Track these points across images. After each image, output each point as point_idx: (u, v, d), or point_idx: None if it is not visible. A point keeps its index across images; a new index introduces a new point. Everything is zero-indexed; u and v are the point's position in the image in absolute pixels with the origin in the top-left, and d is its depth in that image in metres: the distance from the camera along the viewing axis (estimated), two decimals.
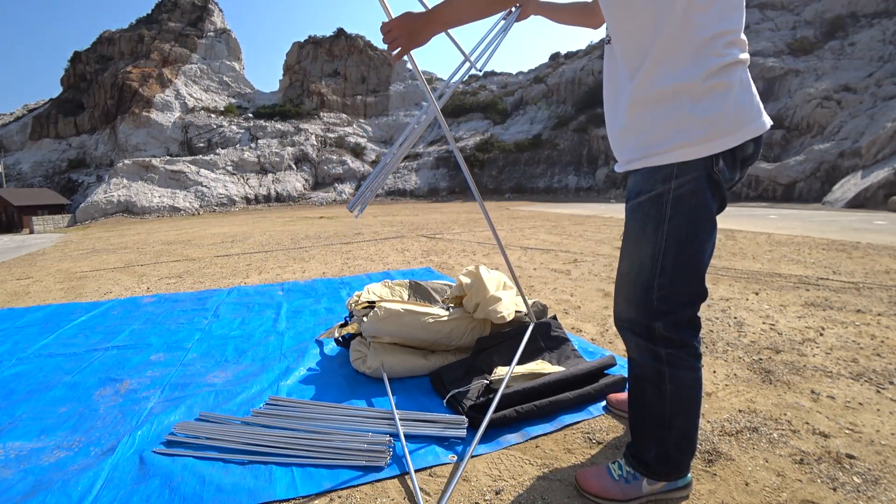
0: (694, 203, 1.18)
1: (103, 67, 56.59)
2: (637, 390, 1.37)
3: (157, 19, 63.75)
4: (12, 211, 37.57)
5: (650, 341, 1.28)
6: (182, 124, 49.97)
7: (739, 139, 1.14)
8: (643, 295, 1.26)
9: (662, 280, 1.22)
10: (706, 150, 1.14)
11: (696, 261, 1.22)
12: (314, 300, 3.98)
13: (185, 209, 38.60)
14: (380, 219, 17.53)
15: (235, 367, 2.53)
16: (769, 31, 35.23)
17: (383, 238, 9.68)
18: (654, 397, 1.30)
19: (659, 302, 1.24)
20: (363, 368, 2.31)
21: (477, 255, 6.61)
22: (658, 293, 1.23)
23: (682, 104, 1.14)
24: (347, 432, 1.75)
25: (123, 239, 13.94)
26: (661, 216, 1.20)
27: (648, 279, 1.24)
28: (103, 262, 7.85)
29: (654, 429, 1.32)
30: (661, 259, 1.22)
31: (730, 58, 1.12)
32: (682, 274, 1.22)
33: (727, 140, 1.13)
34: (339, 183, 47.25)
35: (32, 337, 3.25)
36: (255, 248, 8.90)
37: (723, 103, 1.12)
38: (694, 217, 1.19)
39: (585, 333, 2.91)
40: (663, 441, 1.31)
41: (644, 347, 1.30)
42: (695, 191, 1.17)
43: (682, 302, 1.24)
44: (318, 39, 63.17)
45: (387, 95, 60.06)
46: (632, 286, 1.30)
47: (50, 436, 1.87)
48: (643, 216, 1.24)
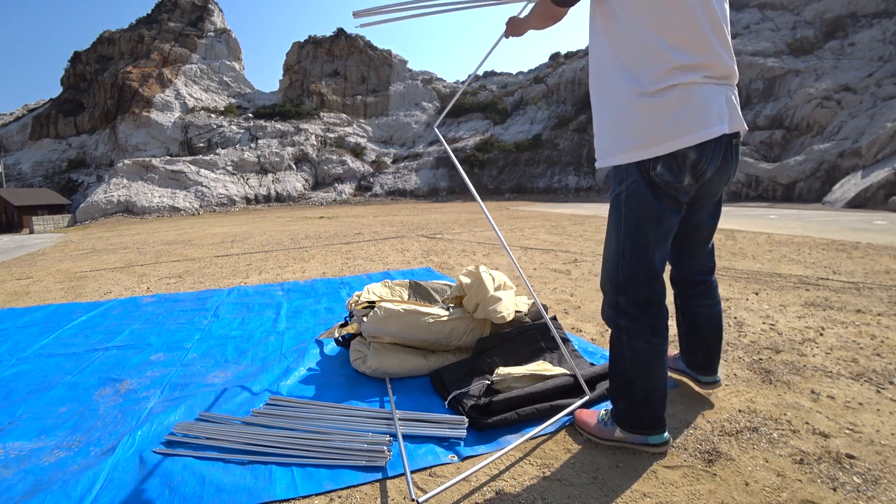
0: (638, 201, 1.46)
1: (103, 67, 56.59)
2: (610, 353, 1.65)
3: (157, 19, 63.73)
4: (12, 211, 37.56)
5: (615, 312, 1.58)
6: (182, 124, 49.97)
7: (670, 149, 1.37)
8: (613, 273, 1.57)
9: (623, 262, 1.52)
10: (636, 156, 1.41)
11: (646, 248, 1.49)
12: (314, 300, 3.98)
13: (185, 209, 38.60)
14: (380, 219, 17.53)
15: (235, 367, 2.53)
16: (769, 31, 35.22)
17: (383, 238, 9.68)
18: (618, 359, 1.60)
19: (623, 280, 1.53)
20: (363, 368, 2.31)
21: (477, 255, 6.61)
22: (621, 273, 1.53)
23: (623, 116, 1.43)
24: (347, 432, 1.75)
25: (123, 239, 13.94)
26: (619, 212, 1.52)
27: (615, 261, 1.55)
28: (103, 262, 7.85)
29: (622, 386, 1.60)
30: (621, 246, 1.52)
31: (668, 82, 1.35)
32: (637, 258, 1.50)
33: (657, 149, 1.37)
34: (339, 183, 47.24)
35: (32, 337, 3.25)
36: (255, 248, 8.90)
37: (656, 118, 1.37)
38: (639, 213, 1.47)
39: (585, 333, 2.91)
40: (628, 398, 1.58)
41: (610, 318, 1.61)
42: (637, 191, 1.46)
43: (639, 281, 1.51)
44: (318, 39, 63.13)
45: (387, 95, 60.03)
46: (607, 267, 1.61)
47: (50, 436, 1.87)
48: (613, 212, 1.56)
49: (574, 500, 1.40)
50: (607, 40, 1.45)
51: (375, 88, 61.34)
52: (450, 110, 52.12)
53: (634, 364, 1.54)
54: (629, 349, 1.55)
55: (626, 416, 1.59)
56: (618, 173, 1.51)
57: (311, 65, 62.46)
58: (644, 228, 1.48)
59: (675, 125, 1.35)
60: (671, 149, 1.37)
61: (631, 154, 1.42)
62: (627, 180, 1.47)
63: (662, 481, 1.46)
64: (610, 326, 1.62)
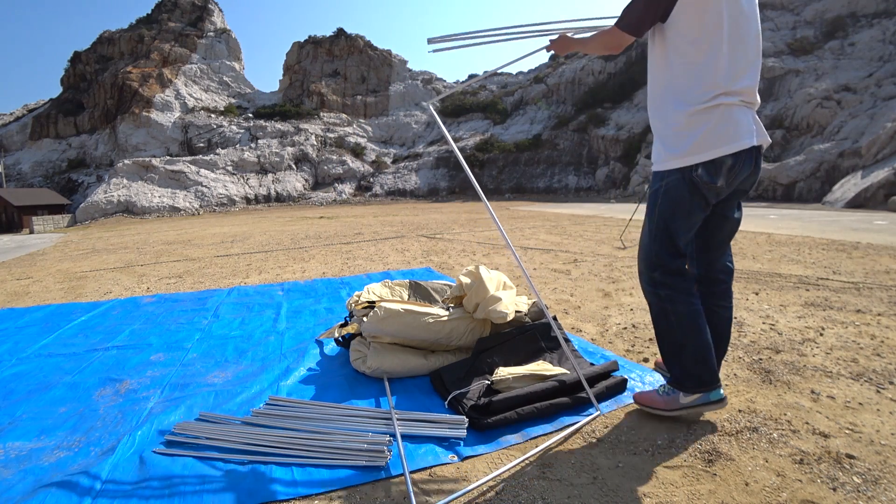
0: (675, 195, 1.73)
1: (103, 67, 56.58)
2: (656, 326, 1.86)
3: (157, 19, 63.72)
4: (12, 211, 37.54)
5: (653, 286, 1.82)
6: (182, 124, 49.96)
7: (712, 156, 1.65)
8: (647, 253, 1.84)
9: (655, 244, 1.80)
10: (681, 162, 1.69)
11: (675, 233, 1.76)
12: (314, 300, 3.98)
13: (185, 209, 38.59)
14: (380, 219, 17.53)
15: (235, 367, 2.53)
16: (769, 31, 35.19)
17: (383, 238, 9.68)
18: (665, 329, 1.82)
19: (655, 257, 1.80)
20: (363, 368, 2.31)
21: (477, 255, 6.61)
22: (653, 252, 1.81)
23: (676, 130, 1.71)
24: (347, 432, 1.75)
25: (123, 239, 13.94)
26: (656, 203, 1.79)
27: (649, 244, 1.83)
28: (103, 262, 7.84)
29: (674, 352, 1.81)
30: (654, 231, 1.80)
31: (713, 103, 1.64)
32: (667, 240, 1.77)
33: (702, 156, 1.66)
34: (339, 183, 47.23)
35: (32, 337, 3.25)
36: (255, 248, 8.90)
37: (699, 133, 1.66)
38: (674, 205, 1.74)
39: (585, 333, 2.91)
40: (682, 360, 1.78)
41: (651, 292, 1.84)
42: (676, 187, 1.73)
43: (669, 257, 1.78)
44: (318, 39, 63.13)
45: (387, 95, 60.02)
46: (643, 248, 1.88)
47: (50, 436, 1.87)
48: (650, 203, 1.83)
49: (574, 500, 1.40)
50: (665, 67, 1.73)
51: (375, 88, 61.32)
52: (449, 110, 52.11)
53: (681, 326, 1.76)
54: (674, 314, 1.77)
55: (684, 378, 1.78)
56: (659, 173, 1.79)
57: (311, 65, 62.46)
58: (676, 217, 1.74)
59: (716, 138, 1.64)
60: (713, 156, 1.65)
61: (681, 160, 1.69)
62: (668, 178, 1.74)
63: (662, 481, 1.46)
64: (652, 301, 1.84)
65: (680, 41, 1.67)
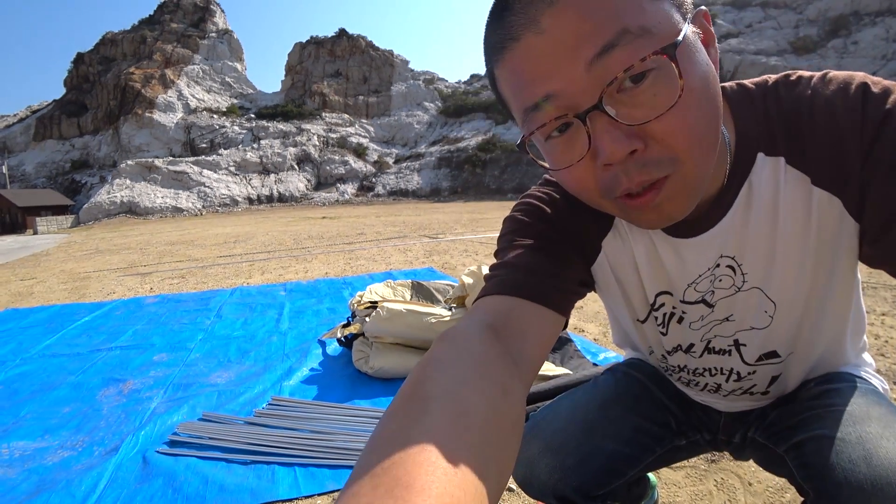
0: None
1: (106, 69, 56.83)
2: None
3: (160, 20, 63.98)
4: (16, 212, 37.73)
5: None
6: (185, 125, 50.15)
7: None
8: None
9: None
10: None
11: None
12: (317, 300, 3.98)
13: (187, 210, 38.72)
14: (382, 219, 17.55)
15: (238, 367, 2.53)
16: (772, 29, 35.18)
17: (385, 238, 9.69)
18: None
19: None
20: (366, 368, 2.31)
21: (479, 254, 6.61)
22: None
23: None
24: (350, 433, 1.75)
25: (126, 240, 13.98)
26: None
27: None
28: (107, 263, 7.87)
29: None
30: None
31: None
32: None
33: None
34: (341, 183, 47.34)
35: (36, 337, 3.26)
36: (258, 248, 8.92)
37: None
38: None
39: (588, 333, 2.91)
40: None
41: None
42: None
43: None
44: (319, 40, 63.28)
45: (388, 96, 60.12)
46: None
47: (54, 435, 1.87)
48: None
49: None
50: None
51: (377, 89, 61.43)
52: (452, 110, 52.16)
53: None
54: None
55: None
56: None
57: (313, 65, 62.61)
58: None
59: None
60: None
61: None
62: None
63: (665, 482, 1.46)
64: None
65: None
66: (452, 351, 0.45)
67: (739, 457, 0.88)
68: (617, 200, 0.49)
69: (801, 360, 0.71)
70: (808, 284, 0.61)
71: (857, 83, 0.50)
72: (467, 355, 0.44)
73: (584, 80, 0.43)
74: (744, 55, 34.27)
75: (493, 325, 0.52)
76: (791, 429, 0.67)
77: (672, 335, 0.74)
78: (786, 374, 0.72)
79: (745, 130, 0.57)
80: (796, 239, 0.58)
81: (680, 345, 0.75)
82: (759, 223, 0.58)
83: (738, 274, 0.63)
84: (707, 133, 0.46)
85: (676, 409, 0.86)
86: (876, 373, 0.76)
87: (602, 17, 0.41)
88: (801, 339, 0.68)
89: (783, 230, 0.58)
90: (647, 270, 0.69)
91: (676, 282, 0.68)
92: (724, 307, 0.67)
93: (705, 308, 0.68)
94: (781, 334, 0.67)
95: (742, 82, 0.61)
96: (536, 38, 0.43)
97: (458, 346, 0.46)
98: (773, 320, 0.65)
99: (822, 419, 0.62)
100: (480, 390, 0.39)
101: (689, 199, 0.49)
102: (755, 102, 0.57)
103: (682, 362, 0.78)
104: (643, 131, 0.44)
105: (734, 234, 0.60)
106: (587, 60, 0.42)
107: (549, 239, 0.66)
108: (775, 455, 0.69)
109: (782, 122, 0.55)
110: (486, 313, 0.56)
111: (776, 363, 0.70)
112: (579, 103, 0.44)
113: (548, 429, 0.82)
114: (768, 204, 0.57)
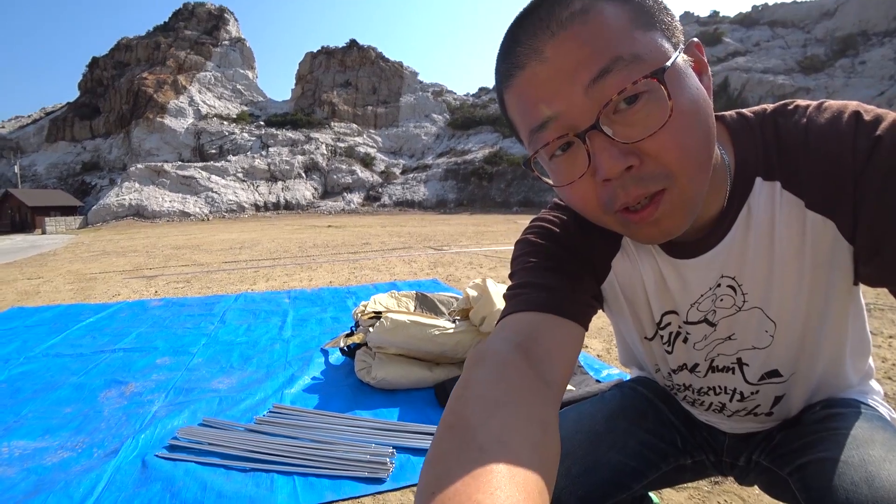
0: None
1: (120, 73, 57.63)
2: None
3: (174, 27, 64.95)
4: (26, 211, 38.09)
5: None
6: (195, 130, 50.63)
7: None
8: None
9: None
10: None
11: None
12: (320, 309, 3.99)
13: (194, 214, 38.95)
14: (387, 229, 17.60)
15: (240, 374, 2.53)
16: (780, 48, 35.37)
17: (390, 249, 9.71)
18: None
19: None
20: (368, 379, 2.30)
21: (484, 267, 6.61)
22: None
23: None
24: (350, 443, 1.74)
25: (133, 242, 14.07)
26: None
27: None
28: (113, 265, 7.92)
29: None
30: None
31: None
32: None
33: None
34: (347, 192, 47.55)
35: (41, 336, 3.27)
36: (263, 255, 8.95)
37: None
38: None
39: (591, 350, 2.89)
40: None
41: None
42: None
43: None
44: (330, 50, 64.01)
45: (397, 106, 60.58)
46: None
47: (54, 436, 1.87)
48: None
49: None
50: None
51: (386, 99, 61.93)
52: (459, 123, 52.48)
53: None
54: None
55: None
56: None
57: (323, 75, 63.26)
58: None
59: None
60: None
61: None
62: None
63: (668, 502, 1.44)
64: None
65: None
66: (491, 381, 0.48)
67: (744, 481, 0.87)
68: (618, 215, 0.52)
69: (803, 381, 0.71)
70: (805, 305, 0.63)
71: (850, 112, 0.53)
72: (506, 387, 0.47)
73: (582, 103, 0.47)
74: (751, 73, 34.37)
75: (522, 345, 0.55)
76: (795, 452, 0.67)
77: (677, 354, 0.76)
78: (789, 395, 0.73)
79: (744, 156, 0.60)
80: (792, 260, 0.60)
81: (685, 363, 0.76)
82: (757, 244, 0.61)
83: (739, 294, 0.65)
84: (699, 151, 0.49)
85: (683, 428, 0.86)
86: (884, 400, 0.76)
87: (598, 46, 0.46)
88: (803, 359, 0.69)
89: (780, 251, 0.60)
90: (653, 290, 0.71)
91: (680, 302, 0.70)
92: (726, 326, 0.68)
93: (708, 327, 0.70)
94: (782, 354, 0.68)
95: (741, 111, 0.64)
96: (540, 65, 0.48)
97: (495, 373, 0.49)
98: (773, 339, 0.67)
99: (825, 442, 0.63)
100: (526, 435, 0.42)
101: (686, 214, 0.52)
102: (753, 130, 0.60)
103: (686, 381, 0.79)
104: (638, 149, 0.47)
105: (734, 254, 0.63)
106: (585, 85, 0.46)
107: (561, 258, 0.69)
108: (779, 478, 0.69)
109: (779, 149, 0.58)
110: (515, 332, 0.58)
111: (778, 383, 0.71)
112: (579, 124, 0.48)
113: None
114: (765, 226, 0.60)
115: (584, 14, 0.46)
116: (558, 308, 0.62)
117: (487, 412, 0.43)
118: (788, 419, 0.77)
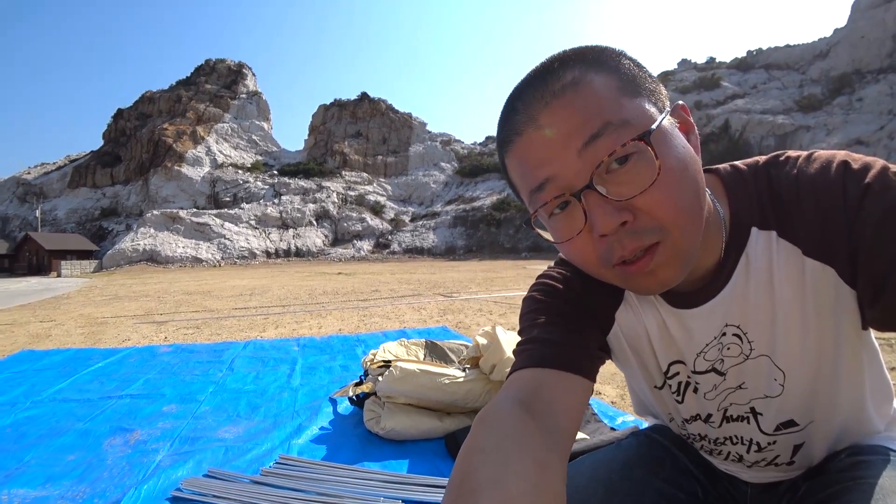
0: None
1: (142, 124, 60.08)
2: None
3: (195, 81, 68.09)
4: (44, 254, 38.78)
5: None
6: (210, 178, 52.07)
7: None
8: None
9: None
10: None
11: None
12: (329, 357, 3.95)
13: (207, 260, 39.42)
14: (397, 276, 17.63)
15: (247, 423, 2.49)
16: (776, 89, 36.20)
17: (400, 296, 9.70)
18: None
19: None
20: (377, 429, 2.25)
21: (494, 314, 6.56)
22: None
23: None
24: (358, 496, 1.69)
25: (146, 287, 14.19)
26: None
27: None
28: (124, 309, 7.96)
29: None
30: None
31: None
32: None
33: None
34: (357, 239, 48.08)
35: (49, 380, 3.26)
36: (273, 301, 8.97)
37: None
38: None
39: (605, 396, 2.82)
40: None
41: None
42: None
43: None
44: (342, 102, 66.47)
45: (406, 156, 62.13)
46: None
47: (55, 484, 1.83)
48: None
49: None
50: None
51: (396, 149, 63.63)
52: (467, 170, 53.51)
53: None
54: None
55: None
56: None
57: (335, 126, 65.41)
58: None
59: None
60: None
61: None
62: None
63: None
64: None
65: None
66: (491, 436, 0.51)
67: None
68: (616, 268, 0.55)
69: (823, 429, 0.70)
70: (814, 351, 0.63)
71: (839, 161, 0.56)
72: (503, 437, 0.50)
73: (576, 165, 0.51)
74: (751, 114, 34.96)
75: (524, 401, 0.57)
76: (821, 503, 0.65)
77: (688, 404, 0.75)
78: (809, 443, 0.72)
79: (739, 207, 0.62)
80: (794, 306, 0.61)
81: (698, 414, 0.76)
82: (757, 292, 0.62)
83: (745, 342, 0.66)
84: (689, 205, 0.52)
85: (703, 478, 0.84)
86: None
87: (589, 113, 0.49)
88: (819, 408, 0.68)
89: (780, 298, 0.61)
90: (657, 340, 0.72)
91: (686, 351, 0.71)
92: (736, 375, 0.68)
93: (717, 377, 0.70)
94: (796, 403, 0.67)
95: (735, 164, 0.67)
96: (536, 132, 0.52)
97: (495, 429, 0.52)
98: (784, 388, 0.66)
99: (852, 492, 0.62)
100: (520, 473, 0.44)
101: (681, 265, 0.54)
102: (747, 182, 0.63)
103: (701, 431, 0.78)
104: (631, 205, 0.50)
105: (736, 303, 0.64)
106: (578, 148, 0.50)
107: (565, 314, 0.71)
108: None
109: (772, 200, 0.60)
110: (517, 389, 0.61)
111: (796, 432, 0.70)
112: (574, 184, 0.52)
113: (569, 485, 0.80)
114: (764, 274, 0.61)
115: (574, 85, 0.50)
116: (562, 362, 0.63)
117: (486, 462, 0.46)
118: (813, 467, 0.74)
